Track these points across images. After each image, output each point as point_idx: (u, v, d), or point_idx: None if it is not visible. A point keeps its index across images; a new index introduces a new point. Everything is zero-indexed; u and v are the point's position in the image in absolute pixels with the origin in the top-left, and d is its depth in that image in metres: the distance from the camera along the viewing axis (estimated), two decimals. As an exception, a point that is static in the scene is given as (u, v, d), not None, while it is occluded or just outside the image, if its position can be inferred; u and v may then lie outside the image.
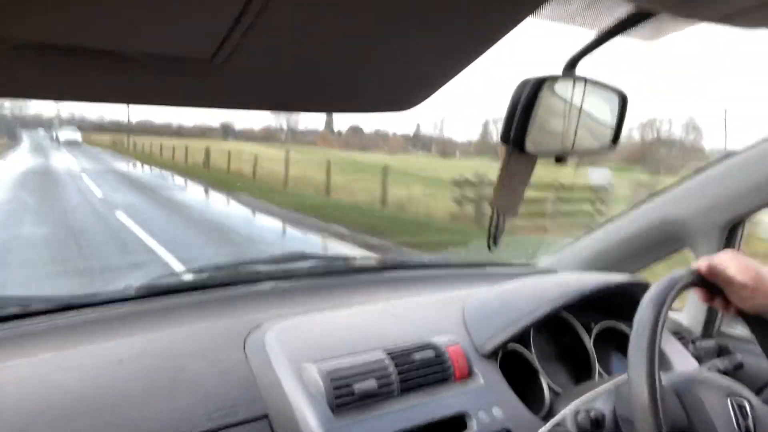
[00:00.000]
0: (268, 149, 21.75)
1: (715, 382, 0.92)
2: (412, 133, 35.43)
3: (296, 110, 0.57)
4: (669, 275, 0.91)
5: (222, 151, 19.29)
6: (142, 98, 0.48)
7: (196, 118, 45.56)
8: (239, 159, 17.57)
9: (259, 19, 0.37)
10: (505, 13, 0.46)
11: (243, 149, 20.38)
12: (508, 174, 0.80)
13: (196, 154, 19.38)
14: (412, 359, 1.02)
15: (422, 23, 0.44)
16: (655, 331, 0.82)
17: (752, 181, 1.37)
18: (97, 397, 0.85)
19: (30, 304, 1.05)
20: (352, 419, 0.92)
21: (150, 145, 24.68)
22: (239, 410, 0.90)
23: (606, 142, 0.92)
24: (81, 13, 0.34)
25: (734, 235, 1.44)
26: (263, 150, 20.51)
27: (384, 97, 0.57)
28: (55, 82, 0.43)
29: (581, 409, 0.99)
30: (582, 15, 0.64)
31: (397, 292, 1.36)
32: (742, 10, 0.43)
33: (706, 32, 5.66)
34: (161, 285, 1.21)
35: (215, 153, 18.83)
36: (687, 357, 1.36)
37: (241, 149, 20.33)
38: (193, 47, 0.40)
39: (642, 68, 35.35)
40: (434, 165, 20.28)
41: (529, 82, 0.77)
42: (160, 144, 23.62)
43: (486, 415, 1.03)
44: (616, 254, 1.63)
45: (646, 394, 0.78)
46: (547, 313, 1.16)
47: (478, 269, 1.69)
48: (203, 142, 21.78)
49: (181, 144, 21.29)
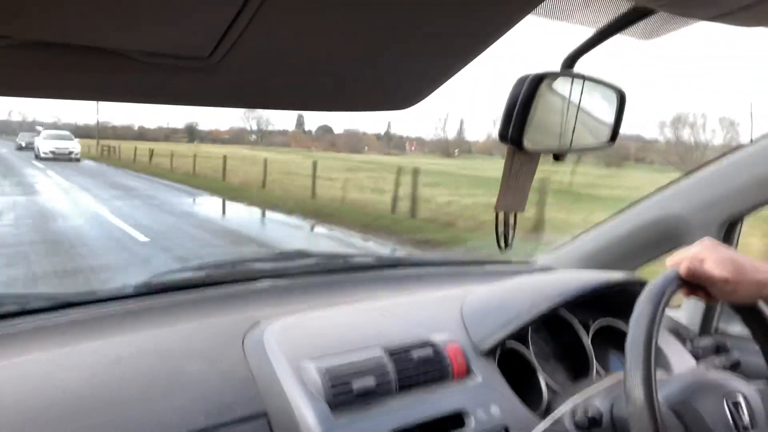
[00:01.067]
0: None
1: (709, 384, 0.92)
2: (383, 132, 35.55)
3: (293, 108, 0.57)
4: (666, 273, 0.91)
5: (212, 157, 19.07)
6: (138, 96, 0.48)
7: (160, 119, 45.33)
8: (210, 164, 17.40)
9: (256, 17, 0.37)
10: (503, 12, 0.45)
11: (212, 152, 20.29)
12: (512, 173, 0.80)
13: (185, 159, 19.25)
14: (411, 357, 1.02)
15: (421, 21, 0.44)
16: (652, 328, 0.82)
17: (750, 179, 1.37)
18: (95, 396, 0.85)
19: (28, 302, 1.05)
20: (350, 417, 0.92)
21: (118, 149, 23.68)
22: (237, 408, 0.90)
23: (604, 139, 0.92)
24: (78, 12, 0.34)
25: (732, 232, 1.44)
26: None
27: (382, 95, 0.57)
28: (52, 80, 0.43)
29: (579, 406, 0.99)
30: (580, 13, 0.64)
31: (395, 290, 1.37)
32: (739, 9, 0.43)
33: (727, 29, 5.67)
34: (159, 283, 1.20)
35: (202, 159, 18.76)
36: (685, 355, 1.36)
37: (211, 152, 20.27)
38: (190, 45, 0.40)
39: (664, 63, 35.28)
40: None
41: (527, 78, 0.77)
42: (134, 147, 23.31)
43: (484, 413, 1.03)
44: (615, 252, 1.63)
45: (642, 391, 0.78)
46: (545, 311, 1.16)
47: (476, 267, 1.69)
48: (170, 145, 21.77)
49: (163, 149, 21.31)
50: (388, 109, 0.60)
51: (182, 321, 1.07)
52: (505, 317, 1.16)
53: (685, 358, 1.35)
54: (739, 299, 0.92)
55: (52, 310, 1.05)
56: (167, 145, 22.76)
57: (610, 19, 0.68)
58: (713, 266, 0.89)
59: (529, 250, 1.90)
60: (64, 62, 0.40)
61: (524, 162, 0.81)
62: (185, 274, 1.27)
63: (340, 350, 1.00)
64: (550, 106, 0.80)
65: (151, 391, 0.88)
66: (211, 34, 0.38)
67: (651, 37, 0.71)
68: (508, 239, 0.86)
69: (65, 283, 5.08)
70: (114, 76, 0.43)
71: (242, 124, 33.85)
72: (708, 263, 0.90)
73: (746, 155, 1.38)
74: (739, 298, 0.91)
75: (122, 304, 1.11)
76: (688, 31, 0.68)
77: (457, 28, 0.46)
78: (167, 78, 0.45)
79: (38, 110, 44.70)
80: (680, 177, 1.52)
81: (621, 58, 4.81)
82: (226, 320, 1.09)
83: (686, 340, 1.44)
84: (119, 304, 1.11)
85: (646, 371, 0.79)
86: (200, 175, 17.79)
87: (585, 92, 0.83)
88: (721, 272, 0.89)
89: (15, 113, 30.71)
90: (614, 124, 0.91)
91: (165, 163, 21.01)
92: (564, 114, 0.82)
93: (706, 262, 0.90)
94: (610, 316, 1.36)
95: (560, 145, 0.83)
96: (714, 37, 24.45)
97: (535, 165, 0.84)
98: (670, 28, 0.69)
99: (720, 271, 0.89)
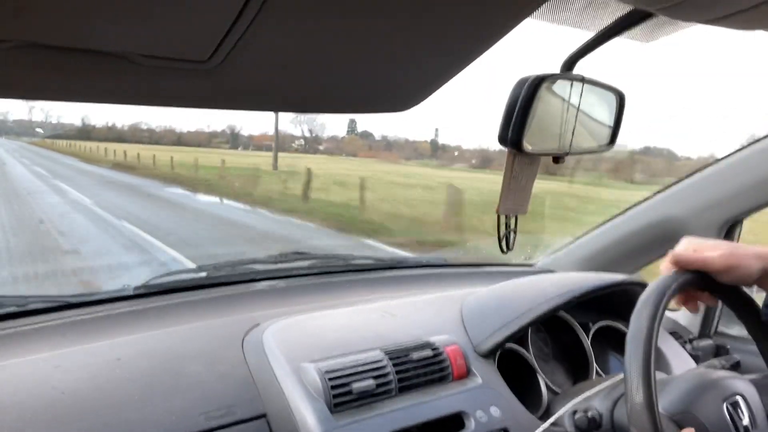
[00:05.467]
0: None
1: (707, 387, 0.92)
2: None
3: (292, 111, 0.58)
4: (666, 274, 0.91)
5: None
6: (138, 99, 0.49)
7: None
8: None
9: (256, 20, 0.37)
10: (503, 14, 0.46)
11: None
12: (513, 175, 0.81)
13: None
14: (410, 358, 1.03)
15: (420, 24, 0.44)
16: (652, 330, 0.82)
17: (750, 181, 1.37)
18: (94, 397, 0.85)
19: (28, 303, 1.05)
20: (350, 418, 0.92)
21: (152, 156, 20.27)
22: (237, 410, 0.90)
23: (603, 142, 0.92)
24: (79, 15, 0.34)
25: (731, 234, 1.44)
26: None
27: (382, 97, 0.57)
28: (52, 82, 0.43)
29: (579, 408, 0.99)
30: (580, 16, 0.64)
31: (395, 291, 1.37)
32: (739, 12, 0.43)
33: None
34: (159, 284, 1.21)
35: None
36: (684, 357, 1.36)
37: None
38: (190, 48, 0.40)
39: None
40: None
41: (527, 80, 0.77)
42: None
43: (484, 415, 1.03)
44: (614, 254, 1.63)
45: (642, 393, 0.78)
46: (545, 313, 1.17)
47: (476, 269, 1.69)
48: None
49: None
50: (387, 111, 0.60)
51: (182, 322, 1.07)
52: (505, 319, 1.16)
53: (685, 360, 1.35)
54: (740, 277, 0.87)
55: (52, 311, 1.05)
56: (210, 153, 20.46)
57: (608, 22, 0.69)
58: (707, 249, 0.87)
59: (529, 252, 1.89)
60: (65, 65, 0.40)
61: (525, 164, 0.81)
62: (185, 275, 1.27)
63: (339, 351, 1.00)
64: (549, 108, 0.80)
65: (150, 393, 0.88)
66: (211, 37, 0.38)
67: (649, 40, 0.71)
68: (509, 242, 0.86)
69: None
70: (114, 79, 0.43)
71: (289, 128, 31.08)
72: (701, 248, 0.88)
73: (745, 157, 1.39)
74: (740, 276, 0.87)
75: (122, 304, 1.11)
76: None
77: (457, 31, 0.46)
78: (167, 80, 0.45)
79: (63, 110, 42.16)
80: (679, 179, 1.53)
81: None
82: (226, 321, 1.09)
83: (686, 342, 1.45)
84: (119, 304, 1.11)
85: (646, 372, 0.79)
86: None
87: (584, 94, 0.83)
88: (717, 251, 0.86)
89: (37, 111, 28.40)
90: (614, 127, 0.91)
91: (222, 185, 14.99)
92: (563, 116, 0.82)
93: (699, 249, 0.88)
94: (609, 317, 1.36)
95: (560, 148, 0.83)
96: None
97: (535, 167, 0.84)
98: (668, 31, 0.69)
99: (715, 251, 0.86)
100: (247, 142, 30.77)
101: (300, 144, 29.27)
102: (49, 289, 4.85)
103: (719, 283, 0.89)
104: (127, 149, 22.92)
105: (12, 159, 20.13)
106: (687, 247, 0.90)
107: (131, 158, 20.88)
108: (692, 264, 0.88)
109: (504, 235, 0.83)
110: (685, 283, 0.90)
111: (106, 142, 24.42)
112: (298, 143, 29.33)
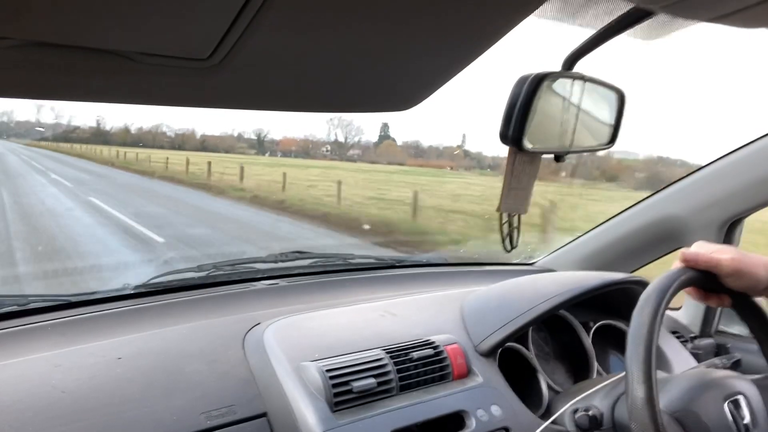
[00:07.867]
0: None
1: (708, 386, 0.92)
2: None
3: (292, 110, 0.57)
4: (667, 273, 0.91)
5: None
6: (138, 98, 0.48)
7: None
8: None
9: (256, 19, 0.37)
10: (504, 13, 0.45)
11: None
12: (514, 174, 0.80)
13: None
14: (411, 357, 1.03)
15: (421, 23, 0.44)
16: (653, 328, 0.82)
17: (750, 179, 1.37)
18: (95, 396, 0.85)
19: (28, 302, 1.05)
20: (350, 417, 0.92)
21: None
22: (238, 409, 0.90)
23: (604, 140, 0.92)
24: (78, 14, 0.34)
25: (732, 233, 1.44)
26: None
27: (382, 96, 0.57)
28: (52, 81, 0.43)
29: (579, 407, 0.99)
30: (581, 14, 0.64)
31: (395, 290, 1.36)
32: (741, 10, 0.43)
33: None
34: (159, 283, 1.20)
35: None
36: (685, 355, 1.36)
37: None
38: (190, 47, 0.39)
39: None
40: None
41: (528, 78, 0.77)
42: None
43: (484, 414, 1.03)
44: (615, 253, 1.63)
45: (643, 391, 0.78)
46: (546, 312, 1.16)
47: (476, 268, 1.69)
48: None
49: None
50: (388, 110, 0.60)
51: (182, 321, 1.07)
52: (506, 318, 1.16)
53: (686, 358, 1.35)
54: (747, 284, 0.88)
55: (52, 310, 1.05)
56: (237, 159, 17.68)
57: (609, 20, 0.68)
58: (717, 251, 0.88)
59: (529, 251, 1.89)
60: (65, 63, 0.40)
61: (525, 163, 0.81)
62: (185, 274, 1.27)
63: (340, 350, 1.00)
64: (550, 106, 0.80)
65: (151, 392, 0.88)
66: (211, 36, 0.38)
67: (651, 38, 0.71)
68: (513, 240, 0.86)
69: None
70: (114, 78, 0.43)
71: (319, 133, 28.45)
72: (711, 250, 0.89)
73: (746, 155, 1.38)
74: (748, 283, 0.88)
75: (122, 304, 1.11)
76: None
77: (458, 30, 0.46)
78: (167, 79, 0.45)
79: (72, 110, 40.29)
80: (680, 177, 1.52)
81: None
82: (227, 320, 1.09)
83: (687, 341, 1.45)
84: (119, 304, 1.11)
85: (647, 371, 0.79)
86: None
87: (585, 93, 0.83)
88: (726, 254, 0.87)
89: (47, 110, 26.01)
90: (614, 125, 0.91)
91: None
92: (564, 115, 0.82)
93: (710, 251, 0.89)
94: (610, 316, 1.36)
95: (560, 146, 0.83)
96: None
97: (536, 166, 0.84)
98: (670, 30, 0.69)
99: (725, 254, 0.87)
100: (273, 147, 28.62)
101: (352, 153, 26.80)
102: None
103: (723, 285, 0.89)
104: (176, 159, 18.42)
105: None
106: (698, 247, 0.90)
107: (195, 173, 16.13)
108: (702, 263, 0.89)
109: (507, 234, 0.83)
110: (686, 282, 0.90)
111: (138, 148, 20.98)
112: (354, 152, 27.09)
